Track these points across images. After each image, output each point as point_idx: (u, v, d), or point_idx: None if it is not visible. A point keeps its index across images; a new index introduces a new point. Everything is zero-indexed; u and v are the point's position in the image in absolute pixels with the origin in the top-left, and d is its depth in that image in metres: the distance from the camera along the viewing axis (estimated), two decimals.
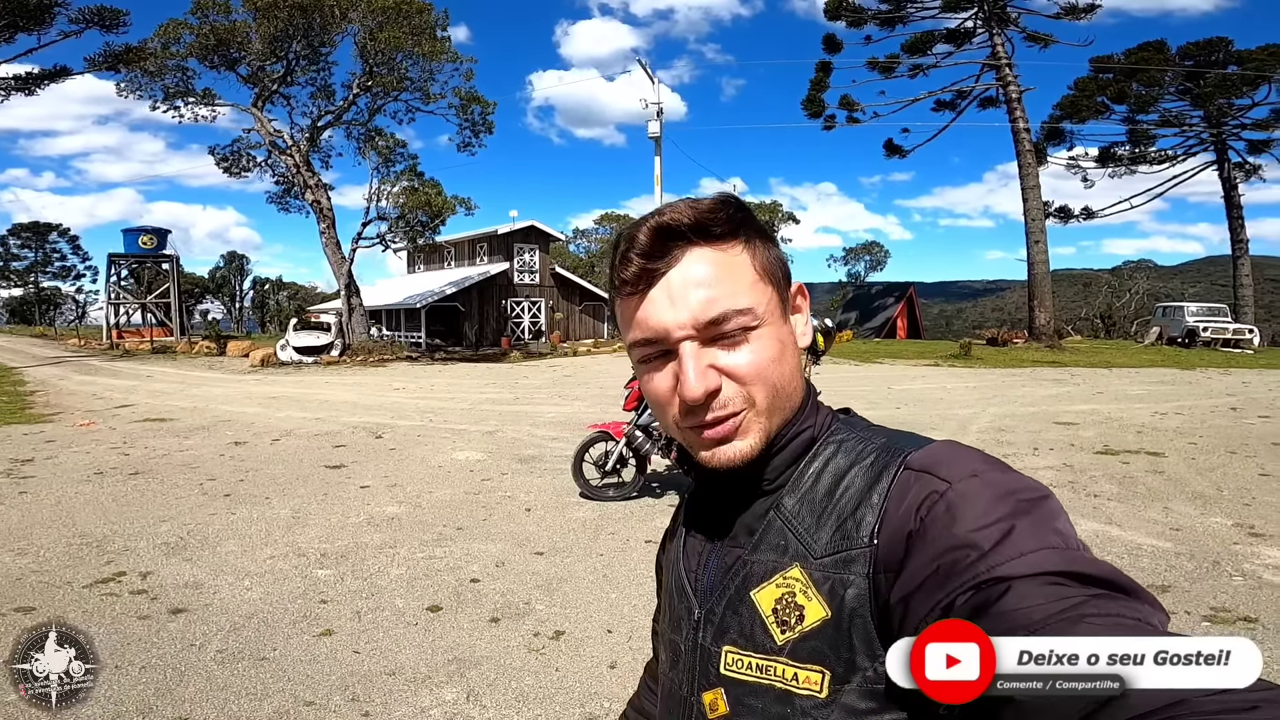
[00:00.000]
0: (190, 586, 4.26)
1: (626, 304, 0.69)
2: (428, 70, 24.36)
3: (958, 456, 0.62)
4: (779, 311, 0.70)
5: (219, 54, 23.39)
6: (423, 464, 7.73)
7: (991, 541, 0.53)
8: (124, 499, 6.23)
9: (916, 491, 0.60)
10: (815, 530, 0.65)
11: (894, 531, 0.59)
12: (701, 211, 0.67)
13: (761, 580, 0.67)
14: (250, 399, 13.59)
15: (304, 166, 24.73)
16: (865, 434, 0.70)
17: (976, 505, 0.56)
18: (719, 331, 0.65)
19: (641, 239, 0.67)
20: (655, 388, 0.69)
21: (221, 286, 70.25)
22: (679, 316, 0.65)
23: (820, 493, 0.67)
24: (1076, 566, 0.51)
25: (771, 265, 0.70)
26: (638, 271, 0.67)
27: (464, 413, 11.69)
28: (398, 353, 24.45)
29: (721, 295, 0.65)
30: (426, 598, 4.12)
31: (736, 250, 0.68)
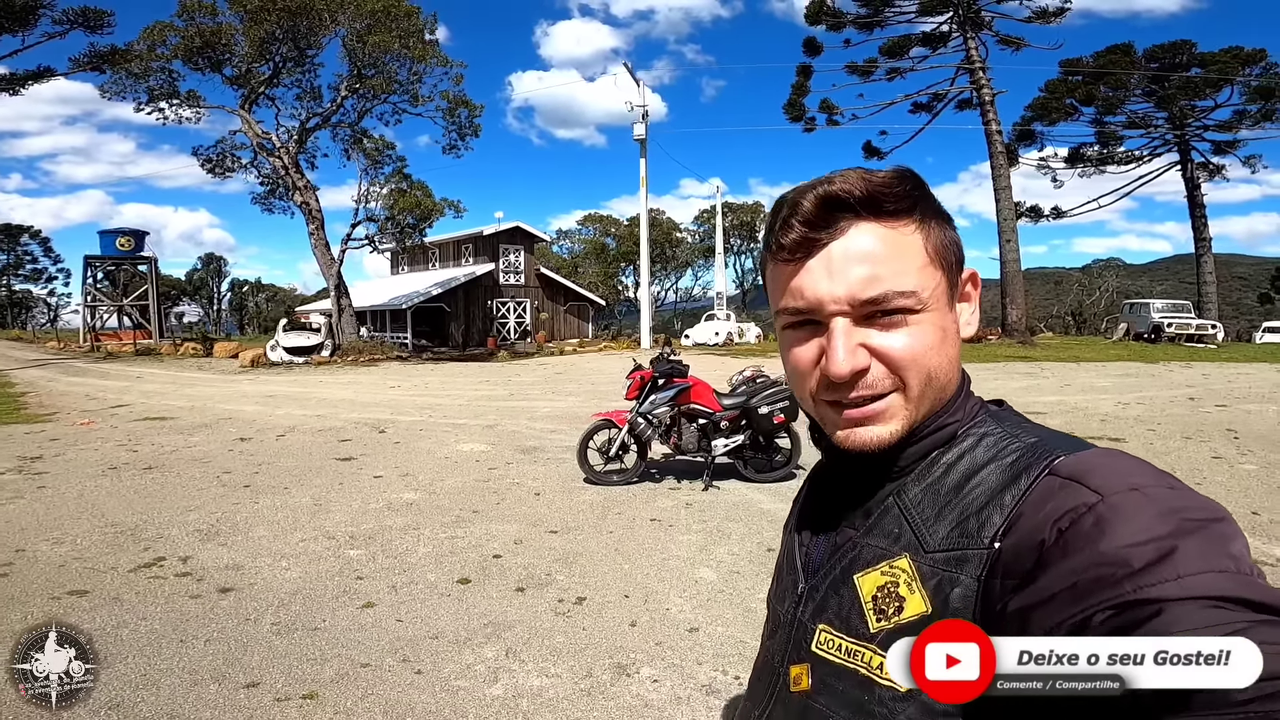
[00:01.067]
0: (231, 568, 4.56)
1: (780, 270, 0.67)
2: (416, 73, 24.58)
3: (1117, 466, 0.57)
4: (946, 297, 0.67)
5: (204, 56, 23.41)
6: (430, 456, 8.05)
7: (1145, 560, 0.48)
8: (145, 491, 6.48)
9: (1060, 501, 0.55)
10: (934, 523, 0.63)
11: (1022, 539, 0.56)
12: (875, 184, 0.64)
13: (867, 565, 0.66)
14: (247, 398, 13.76)
15: (292, 168, 24.78)
16: (1014, 430, 0.66)
17: (1133, 522, 0.51)
18: (876, 310, 0.63)
19: (806, 205, 0.64)
20: (797, 357, 0.68)
21: (199, 289, 69.43)
22: (835, 290, 0.63)
23: (948, 485, 0.64)
24: (1246, 592, 0.46)
25: (945, 248, 0.67)
26: (798, 239, 0.65)
27: (461, 408, 11.99)
28: (387, 353, 24.61)
29: (886, 274, 0.63)
30: (455, 572, 4.47)
31: (909, 229, 0.65)
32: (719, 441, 6.57)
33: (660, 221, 54.07)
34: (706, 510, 5.78)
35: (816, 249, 0.64)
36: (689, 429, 6.64)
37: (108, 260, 33.89)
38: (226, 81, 24.74)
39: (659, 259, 54.55)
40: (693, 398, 6.63)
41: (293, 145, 25.22)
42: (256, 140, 25.15)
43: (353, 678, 3.20)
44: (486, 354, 27.45)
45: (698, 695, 3.01)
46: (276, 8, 22.09)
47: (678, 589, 4.16)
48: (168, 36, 23.06)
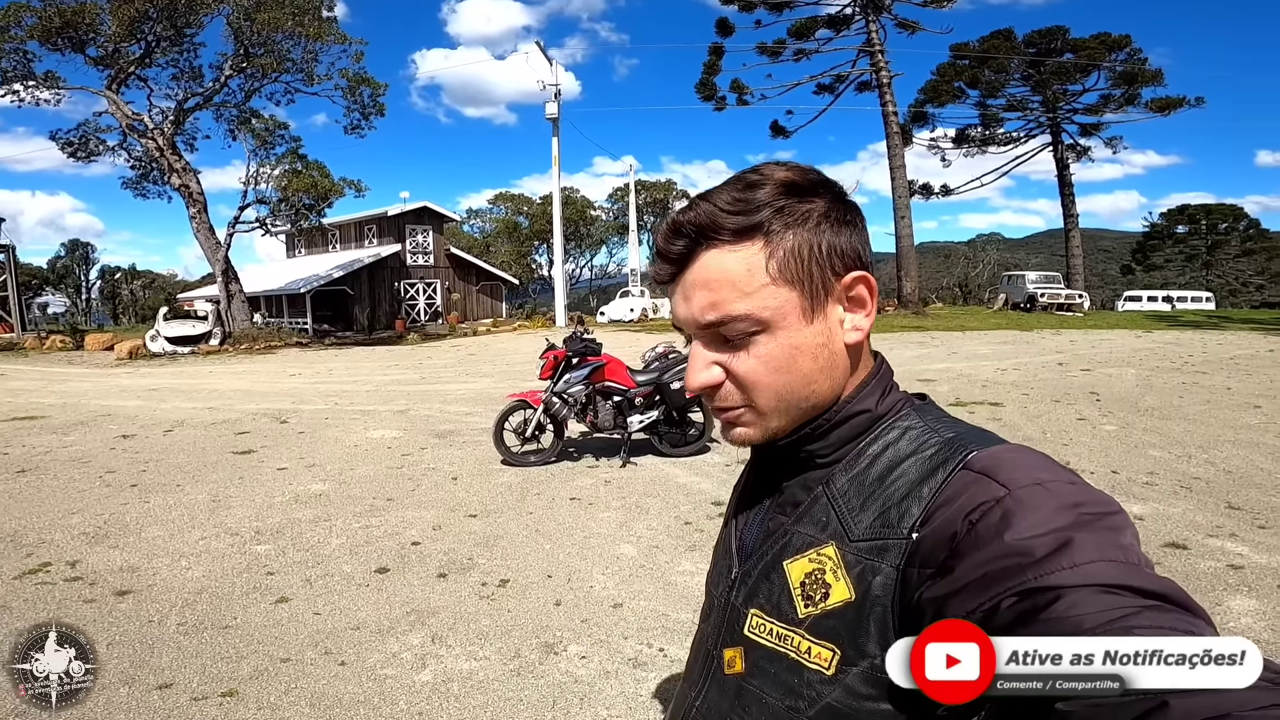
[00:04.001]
0: (126, 570, 4.29)
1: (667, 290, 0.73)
2: (311, 51, 23.12)
3: (1024, 462, 0.60)
4: (798, 313, 0.66)
5: (64, 36, 21.12)
6: (337, 444, 7.77)
7: (1046, 550, 0.51)
8: (20, 495, 5.95)
9: (971, 494, 0.58)
10: (858, 513, 0.65)
11: (937, 530, 0.59)
12: (719, 207, 0.66)
13: (797, 552, 0.68)
14: (126, 392, 12.74)
15: (168, 150, 22.88)
16: (935, 424, 0.69)
17: (1035, 514, 0.54)
18: (721, 334, 0.67)
19: (659, 240, 0.70)
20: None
21: (64, 277, 63.00)
22: (690, 314, 0.68)
23: (872, 476, 0.66)
24: (1134, 580, 0.50)
25: (796, 263, 0.66)
26: (659, 269, 0.70)
27: (370, 394, 11.59)
28: (285, 339, 23.30)
29: (721, 300, 0.65)
30: (372, 561, 4.39)
31: (753, 249, 0.65)
32: (634, 418, 6.69)
33: (574, 200, 53.50)
34: (625, 487, 5.91)
35: (676, 278, 0.69)
36: (604, 407, 6.72)
37: None
38: (90, 62, 22.49)
39: (573, 237, 54.07)
40: (607, 375, 6.71)
41: (168, 126, 23.25)
42: (126, 122, 23.02)
43: (273, 673, 3.13)
44: (395, 337, 26.48)
45: (625, 669, 3.11)
46: None
47: (600, 566, 4.26)
48: (23, 17, 20.70)
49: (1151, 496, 5.32)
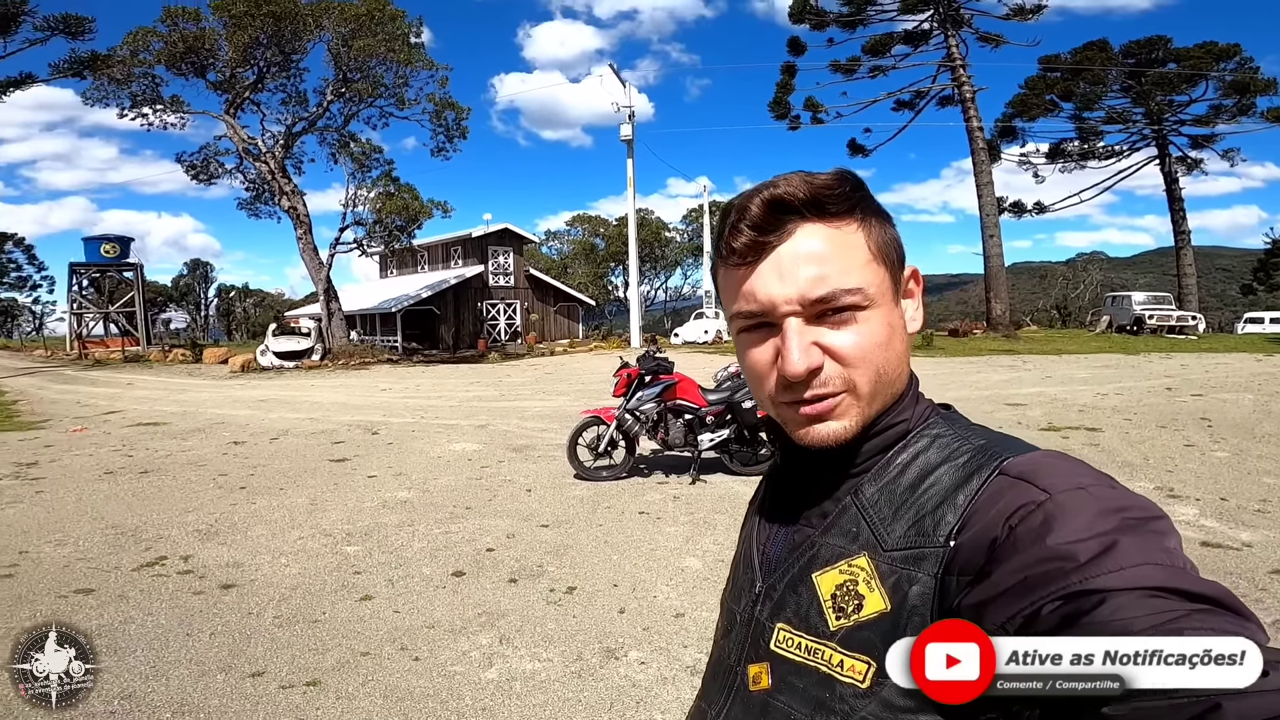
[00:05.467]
0: (231, 566, 4.69)
1: (732, 274, 0.69)
2: (402, 77, 24.69)
3: (1063, 467, 0.60)
4: (891, 294, 0.69)
5: (188, 61, 23.43)
6: (422, 455, 8.18)
7: (1090, 554, 0.51)
8: (143, 494, 6.59)
9: (1010, 499, 0.58)
10: (890, 522, 0.64)
11: (976, 536, 0.58)
12: (818, 186, 0.66)
13: (826, 564, 0.67)
14: (238, 403, 13.83)
15: (279, 173, 24.80)
16: (964, 432, 0.69)
17: (1077, 518, 0.53)
18: (826, 309, 0.65)
19: (754, 210, 0.66)
20: (754, 360, 0.69)
21: (185, 294, 68.99)
22: (786, 291, 0.65)
23: (903, 485, 0.66)
24: (1181, 583, 0.49)
25: (887, 246, 0.69)
26: (748, 243, 0.66)
27: (453, 409, 12.12)
28: (378, 356, 24.67)
29: (832, 273, 0.65)
30: (449, 565, 4.63)
31: (851, 228, 0.67)
32: (705, 436, 6.75)
33: (649, 221, 54.23)
34: (693, 503, 5.96)
35: (766, 252, 0.66)
36: (675, 424, 6.81)
37: (93, 267, 33.69)
38: (210, 86, 24.75)
39: (648, 258, 54.72)
40: (679, 394, 6.81)
41: (279, 150, 25.23)
42: (242, 145, 25.14)
43: (353, 665, 3.35)
44: (477, 355, 27.53)
45: (683, 675, 3.18)
46: (260, 13, 22.13)
47: (664, 578, 4.33)
48: (150, 42, 23.05)
49: (1262, 524, 4.97)
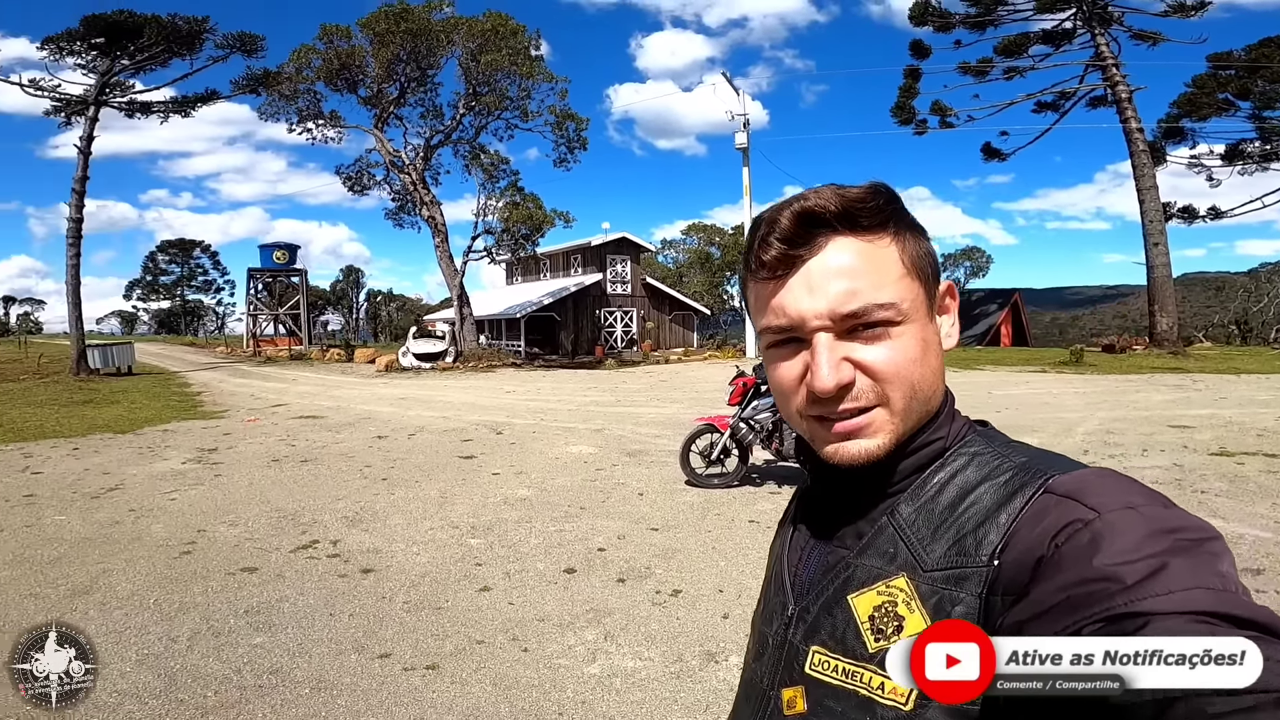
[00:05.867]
0: (371, 552, 5.16)
1: (761, 288, 0.68)
2: (525, 89, 26.10)
3: (1113, 486, 0.57)
4: (925, 309, 0.68)
5: (342, 77, 26.00)
6: (542, 456, 8.59)
7: (1138, 576, 0.49)
8: (302, 481, 7.39)
9: (1056, 517, 0.56)
10: (930, 542, 0.63)
11: (1020, 555, 0.57)
12: (850, 199, 0.65)
13: (863, 585, 0.65)
14: (382, 400, 15.10)
15: (419, 184, 26.82)
16: (1004, 450, 0.67)
17: (1127, 538, 0.52)
18: (858, 324, 0.64)
19: (784, 223, 0.65)
20: (782, 375, 0.68)
21: (341, 298, 75.93)
22: (816, 306, 0.64)
23: (941, 504, 0.64)
24: (1231, 608, 0.47)
25: (921, 260, 0.68)
26: (777, 256, 0.66)
27: (571, 413, 12.59)
28: (503, 359, 26.01)
29: (864, 287, 0.64)
30: (562, 562, 4.86)
31: (884, 242, 0.66)
32: None
33: None
34: None
35: (796, 266, 0.65)
36: (790, 434, 6.73)
37: (266, 272, 37.83)
38: (361, 102, 27.26)
39: None
40: None
41: (419, 162, 27.27)
42: (389, 158, 27.43)
43: (468, 652, 3.59)
44: (594, 362, 28.36)
45: None
46: (399, 30, 24.24)
47: None
48: (311, 59, 25.76)
49: None
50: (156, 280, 71.08)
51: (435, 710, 3.05)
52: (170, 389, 18.04)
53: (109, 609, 4.09)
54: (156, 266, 70.76)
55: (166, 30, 24.01)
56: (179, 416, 12.89)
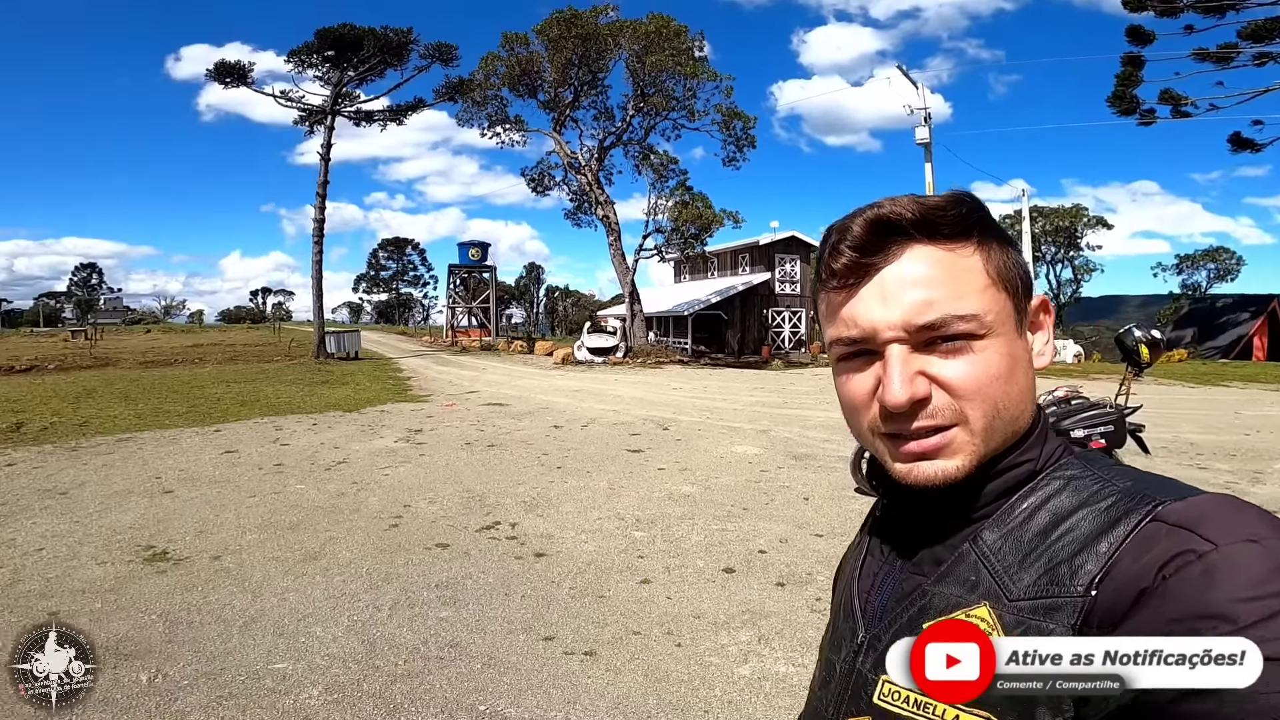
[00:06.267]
0: (545, 537, 5.56)
1: (831, 297, 0.66)
2: (690, 89, 26.48)
3: (1234, 515, 0.52)
4: (1013, 323, 0.64)
5: (523, 83, 27.96)
6: (707, 454, 8.74)
7: (1253, 617, 0.45)
8: (489, 465, 8.15)
9: (1165, 547, 0.51)
10: (1016, 571, 0.59)
11: (1121, 585, 0.53)
12: (929, 206, 0.63)
13: (940, 614, 0.62)
14: (559, 391, 16.14)
15: (595, 184, 28.18)
16: (1105, 474, 0.62)
17: (1245, 574, 0.47)
18: (935, 336, 0.61)
19: (856, 230, 0.63)
20: (853, 389, 0.65)
21: (524, 294, 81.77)
22: (889, 316, 0.62)
23: (1031, 531, 0.60)
24: None
25: (1009, 271, 0.65)
26: (848, 264, 0.64)
27: (737, 413, 12.62)
28: (671, 356, 26.62)
29: (943, 298, 0.61)
30: (722, 561, 4.95)
31: (967, 251, 0.63)
32: None
33: None
34: None
35: (868, 275, 0.63)
36: None
37: (463, 268, 41.58)
38: (541, 106, 29.17)
39: None
40: None
41: (594, 163, 28.63)
42: (566, 159, 29.11)
43: (624, 642, 3.77)
44: (761, 362, 28.07)
45: None
46: (570, 35, 25.62)
47: None
48: (497, 66, 27.94)
49: None
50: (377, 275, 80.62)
51: (588, 695, 3.24)
52: (386, 373, 20.59)
53: (331, 574, 4.73)
54: (378, 262, 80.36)
55: (380, 41, 27.22)
56: (393, 399, 14.70)
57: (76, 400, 13.80)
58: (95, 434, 10.19)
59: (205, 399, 14.14)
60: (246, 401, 13.87)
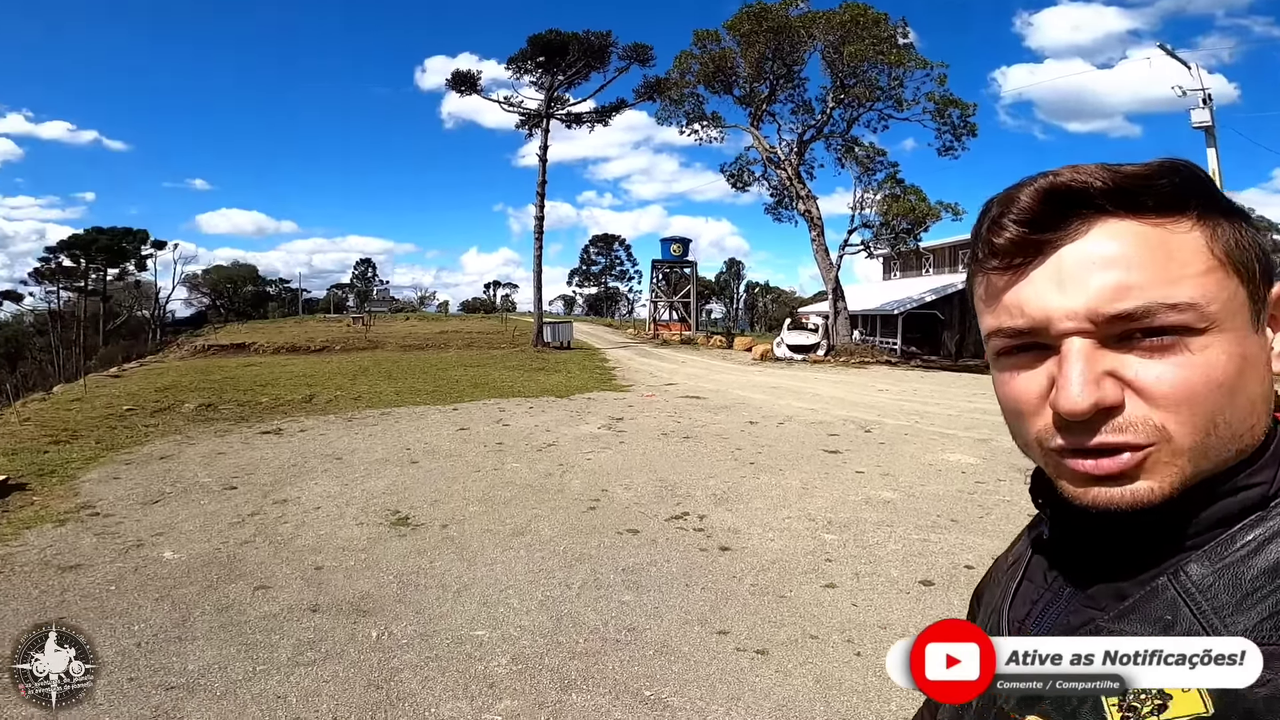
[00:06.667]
0: (731, 531, 5.60)
1: (992, 280, 0.55)
2: (896, 78, 24.96)
3: None
4: (1246, 316, 0.51)
5: (717, 79, 27.96)
6: (913, 460, 8.20)
7: None
8: (683, 456, 8.38)
9: None
10: (1232, 613, 0.48)
11: None
12: (1127, 175, 0.51)
13: None
14: (756, 387, 16.07)
15: (795, 179, 27.55)
16: None
17: None
18: (1134, 329, 0.49)
19: (1024, 201, 0.52)
20: (1018, 390, 0.53)
21: (723, 289, 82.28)
22: (1069, 302, 0.50)
23: (1256, 569, 0.49)
24: None
25: (1241, 252, 0.51)
26: (1013, 240, 0.52)
27: (951, 419, 11.64)
28: (877, 356, 25.23)
29: (1145, 281, 0.49)
30: (920, 573, 4.64)
31: (1183, 227, 0.51)
32: None
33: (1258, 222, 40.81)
34: None
35: (1041, 253, 0.52)
36: None
37: (665, 263, 42.93)
38: (736, 101, 28.92)
39: None
40: None
41: (794, 157, 27.95)
42: (765, 154, 28.73)
43: (799, 644, 3.69)
44: (983, 365, 25.38)
45: None
46: (761, 29, 25.15)
47: None
48: (690, 64, 28.25)
49: None
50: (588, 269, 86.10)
51: (753, 694, 3.22)
52: (594, 363, 22.00)
53: (533, 550, 5.17)
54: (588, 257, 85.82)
55: (583, 45, 28.87)
56: (599, 387, 15.68)
57: (353, 377, 16.56)
58: (365, 407, 12.18)
59: (447, 380, 16.19)
60: (478, 384, 15.66)
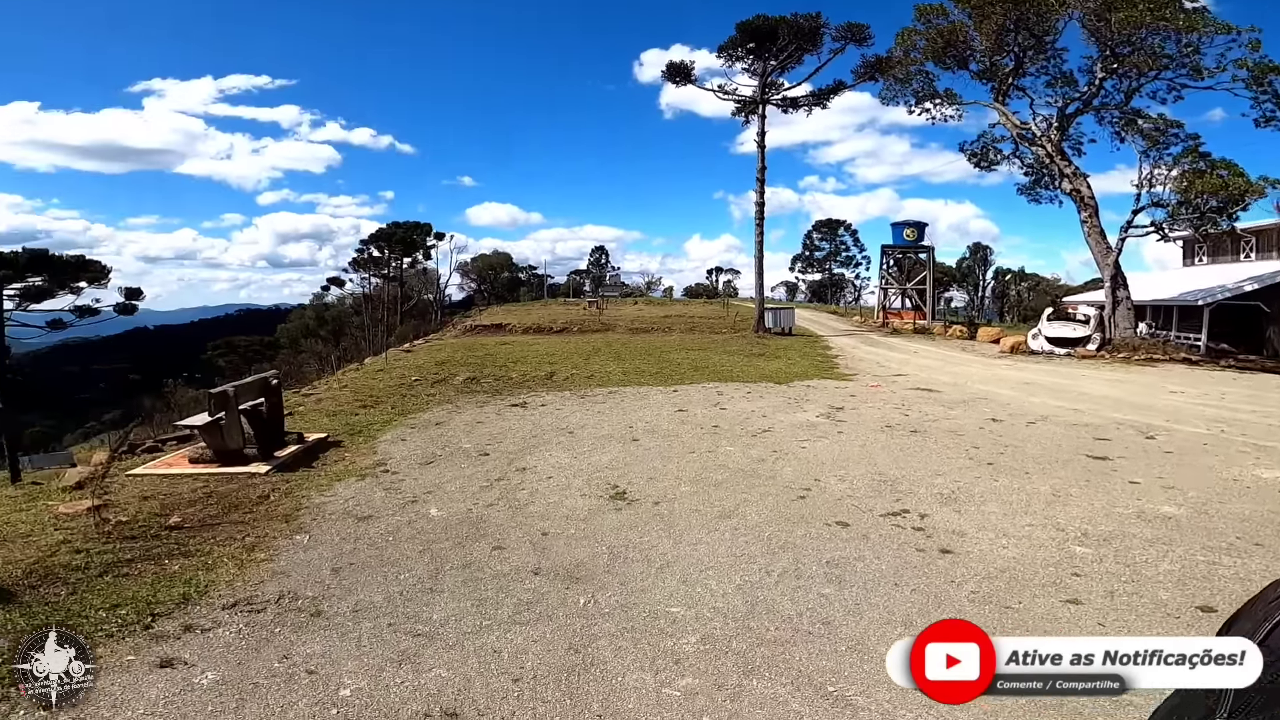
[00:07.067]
0: (956, 533, 5.03)
1: None
2: (1190, 45, 20.69)
3: None
4: None
5: (949, 55, 25.07)
6: (1210, 473, 6.73)
7: None
8: (907, 451, 7.73)
9: None
10: None
11: None
12: None
13: None
14: (1003, 382, 14.28)
15: (1057, 156, 23.95)
16: None
17: None
18: None
19: None
20: None
21: (966, 276, 74.31)
22: None
23: None
24: None
25: None
26: None
27: (1272, 430, 9.29)
28: (1171, 353, 21.01)
29: None
30: (1199, 597, 3.83)
31: None
32: None
33: None
34: None
35: None
36: None
37: (896, 249, 40.04)
38: (974, 77, 25.69)
39: None
40: None
41: (1054, 133, 24.28)
42: (1015, 131, 25.29)
43: None
44: None
45: None
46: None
47: None
48: (915, 41, 25.58)
49: None
50: (812, 255, 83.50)
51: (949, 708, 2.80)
52: (816, 350, 21.22)
53: (737, 534, 5.10)
54: (812, 243, 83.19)
55: (792, 28, 27.61)
56: (819, 375, 15.11)
57: (587, 357, 17.86)
58: (596, 385, 13.07)
59: (669, 363, 16.74)
60: (698, 367, 15.96)
